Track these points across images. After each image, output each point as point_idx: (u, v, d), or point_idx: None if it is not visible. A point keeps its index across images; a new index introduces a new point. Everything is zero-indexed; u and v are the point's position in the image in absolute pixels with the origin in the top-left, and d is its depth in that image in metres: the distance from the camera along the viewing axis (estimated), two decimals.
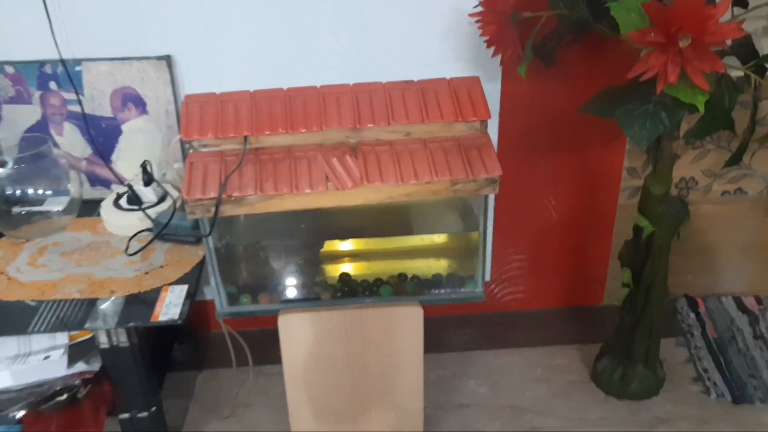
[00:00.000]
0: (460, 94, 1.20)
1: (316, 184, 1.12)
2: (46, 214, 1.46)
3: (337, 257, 1.38)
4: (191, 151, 1.17)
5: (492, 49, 1.31)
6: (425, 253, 1.37)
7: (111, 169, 1.54)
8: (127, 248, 1.31)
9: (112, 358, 1.26)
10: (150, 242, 1.31)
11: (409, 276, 1.31)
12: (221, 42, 1.45)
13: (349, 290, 1.29)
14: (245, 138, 1.15)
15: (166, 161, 1.44)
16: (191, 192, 1.11)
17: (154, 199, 1.45)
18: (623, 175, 1.66)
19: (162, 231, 1.32)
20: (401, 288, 1.29)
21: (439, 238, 1.37)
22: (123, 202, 1.47)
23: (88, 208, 1.52)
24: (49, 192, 1.46)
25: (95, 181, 1.57)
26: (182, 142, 1.11)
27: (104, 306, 1.22)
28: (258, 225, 1.30)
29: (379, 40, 1.45)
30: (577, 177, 1.66)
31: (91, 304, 1.22)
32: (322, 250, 1.36)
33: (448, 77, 1.23)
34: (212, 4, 1.41)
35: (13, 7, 1.41)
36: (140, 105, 1.49)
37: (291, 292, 1.28)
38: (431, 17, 1.44)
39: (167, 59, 1.45)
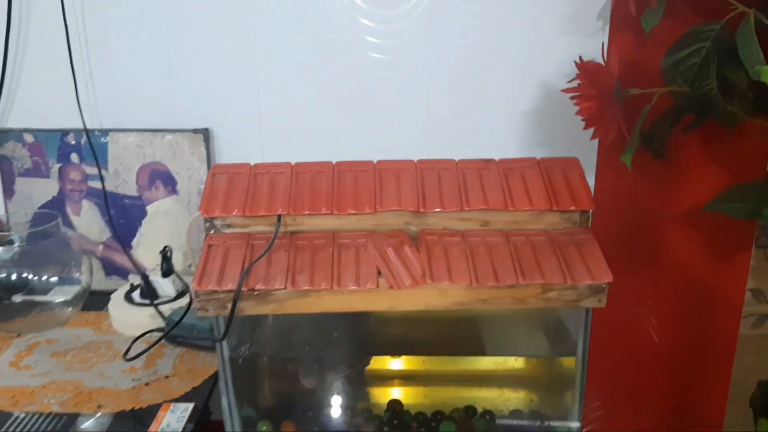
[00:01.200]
0: (554, 177, 0.94)
1: (364, 279, 0.86)
2: (47, 306, 1.24)
3: (387, 378, 1.09)
4: (212, 231, 0.93)
5: (588, 132, 1.07)
6: (501, 381, 1.07)
7: (130, 257, 1.32)
8: (127, 351, 1.06)
9: None
10: (153, 345, 1.06)
11: (479, 411, 1.01)
12: (265, 116, 1.25)
13: (399, 424, 0.99)
14: (279, 217, 0.91)
15: (188, 248, 1.21)
16: (203, 281, 0.86)
17: (172, 293, 1.22)
18: (746, 298, 1.34)
19: (172, 331, 1.06)
20: (468, 425, 0.99)
21: (521, 362, 1.07)
22: (136, 295, 1.23)
23: (98, 301, 1.29)
24: (54, 279, 1.24)
25: (111, 269, 1.35)
26: (204, 221, 0.87)
27: (86, 425, 0.95)
28: (287, 331, 1.04)
29: (448, 117, 1.23)
30: (685, 295, 1.35)
31: (71, 420, 0.96)
32: (368, 367, 1.07)
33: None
34: (257, 73, 1.23)
35: (37, 71, 1.26)
36: (170, 183, 1.29)
37: (324, 422, 0.99)
38: (512, 90, 1.21)
39: (204, 132, 1.26)
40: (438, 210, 0.91)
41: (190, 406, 0.98)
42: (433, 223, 0.93)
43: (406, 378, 1.10)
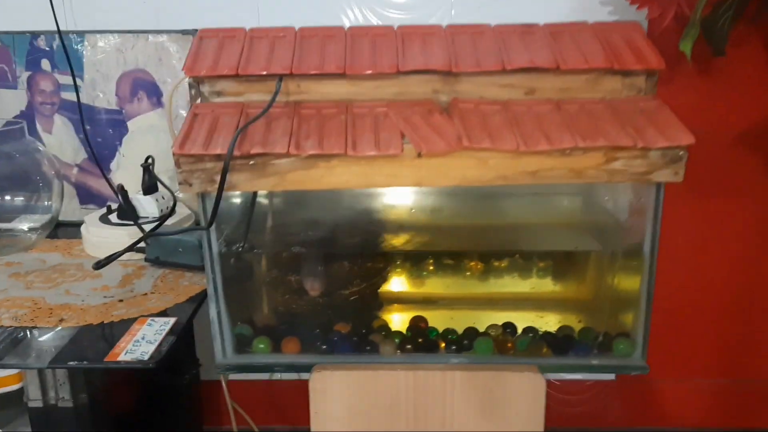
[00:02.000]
0: (613, 39, 0.79)
1: (386, 144, 0.70)
2: (10, 233, 1.08)
3: (405, 301, 0.93)
4: (199, 101, 0.77)
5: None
6: (541, 305, 0.90)
7: (108, 182, 1.16)
8: (99, 263, 0.89)
9: (46, 426, 0.80)
10: (130, 248, 0.89)
11: (520, 329, 0.84)
12: (265, 13, 1.10)
13: (424, 342, 0.82)
14: (280, 78, 0.75)
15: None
16: (186, 145, 0.70)
17: (155, 212, 1.05)
18: None
19: (151, 235, 0.90)
20: (508, 344, 0.82)
21: (561, 287, 0.90)
22: (114, 217, 1.07)
23: (71, 233, 1.13)
24: (20, 199, 1.08)
25: (86, 196, 1.19)
26: (189, 88, 0.71)
27: (44, 338, 0.78)
28: (290, 235, 0.87)
29: None
30: (756, 228, 1.19)
31: (26, 334, 0.79)
32: (384, 289, 0.91)
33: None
34: None
35: None
36: (154, 94, 1.13)
37: (334, 340, 0.82)
38: None
39: (194, 34, 1.10)
40: (473, 71, 0.75)
41: (171, 320, 0.82)
42: (468, 91, 0.77)
43: (428, 302, 0.94)
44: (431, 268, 0.96)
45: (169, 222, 1.03)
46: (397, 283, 0.95)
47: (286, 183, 0.71)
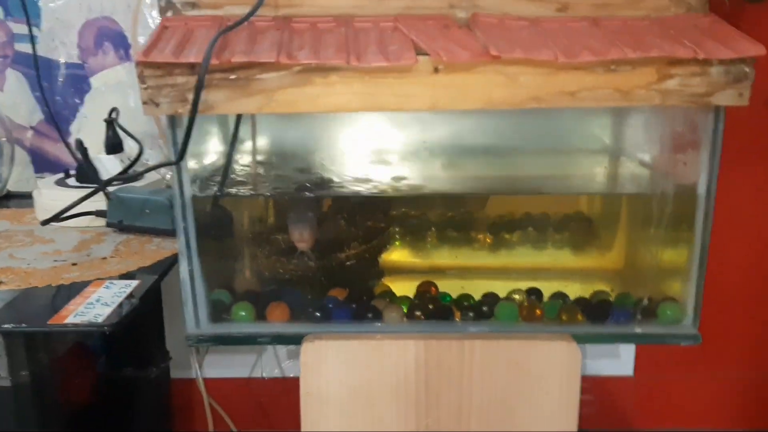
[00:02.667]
0: None
1: (395, 54, 0.58)
2: None
3: (410, 271, 0.81)
4: (170, 14, 0.65)
5: None
6: (568, 269, 0.78)
7: (68, 146, 1.02)
8: (48, 220, 0.76)
9: None
10: (79, 202, 0.76)
11: (548, 295, 0.72)
12: None
13: (436, 308, 0.70)
14: None
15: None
16: (152, 53, 0.57)
17: (118, 170, 0.92)
18: None
19: (109, 185, 0.77)
20: (535, 310, 0.69)
21: (590, 257, 0.79)
22: (72, 181, 0.94)
23: (24, 204, 1.00)
24: None
25: (42, 164, 1.05)
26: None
27: None
28: (279, 178, 0.75)
29: None
30: None
31: None
32: (387, 257, 0.78)
33: None
34: None
35: None
36: (121, 46, 1.01)
37: (329, 306, 0.69)
38: None
39: None
40: None
41: (133, 283, 0.68)
42: (489, 6, 0.65)
43: (435, 272, 0.81)
44: (438, 233, 0.84)
45: (136, 184, 0.90)
46: (400, 249, 0.83)
47: (275, 104, 0.59)
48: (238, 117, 0.68)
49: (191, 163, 0.64)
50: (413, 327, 0.68)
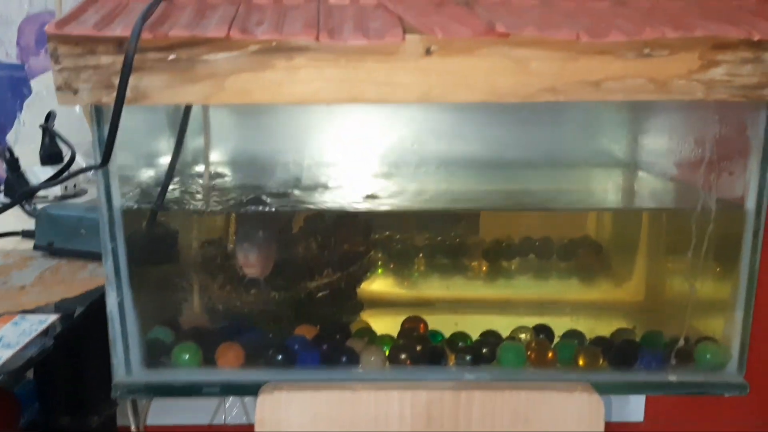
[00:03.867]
0: None
1: (379, 31, 0.47)
2: None
3: (392, 305, 0.69)
4: None
5: None
6: (579, 303, 0.67)
7: (3, 159, 0.90)
8: None
9: None
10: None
11: (559, 334, 0.60)
12: None
13: (426, 351, 0.58)
14: None
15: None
16: (67, 25, 0.46)
17: (57, 189, 0.80)
18: None
19: (27, 193, 0.64)
20: (546, 352, 0.57)
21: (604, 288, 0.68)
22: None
23: None
24: None
25: None
26: None
27: None
28: (236, 196, 0.63)
29: None
30: None
31: None
32: (367, 273, 0.67)
33: None
34: None
35: None
36: None
37: (293, 348, 0.57)
38: None
39: None
40: None
41: (52, 316, 0.56)
42: None
43: (424, 306, 0.70)
44: (426, 259, 0.73)
45: (77, 201, 0.78)
46: (382, 278, 0.72)
47: (226, 93, 0.47)
48: (186, 109, 0.56)
49: (125, 170, 0.52)
50: (397, 374, 0.56)
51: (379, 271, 0.70)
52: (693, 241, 0.58)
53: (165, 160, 0.55)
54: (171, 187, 0.55)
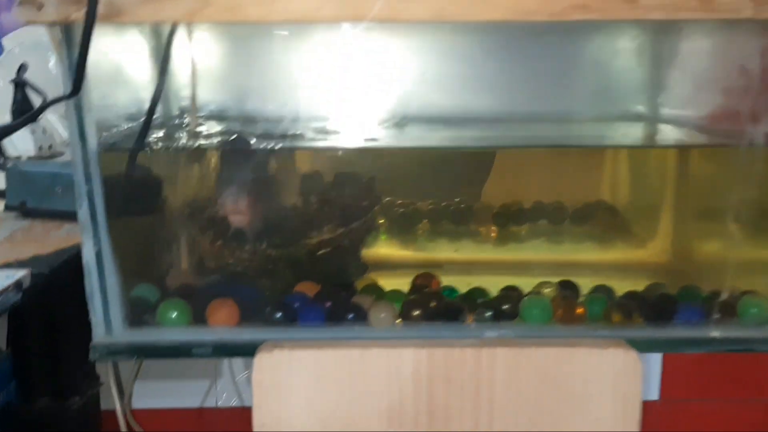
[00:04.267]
0: None
1: None
2: None
3: (399, 266, 0.64)
4: None
5: None
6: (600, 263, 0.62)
7: None
8: None
9: None
10: None
11: (585, 289, 0.55)
12: None
13: (441, 307, 0.52)
14: None
15: None
16: None
17: (30, 149, 0.74)
18: None
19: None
20: (575, 308, 0.52)
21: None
22: None
23: None
24: None
25: None
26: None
27: None
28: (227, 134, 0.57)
29: None
30: None
31: None
32: (371, 231, 0.61)
33: None
34: None
35: None
36: None
37: (293, 304, 0.51)
38: None
39: None
40: None
41: (21, 271, 0.50)
42: None
43: (432, 267, 0.64)
44: (432, 225, 0.68)
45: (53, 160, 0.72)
46: (387, 240, 0.66)
47: (212, 8, 0.42)
48: (172, 29, 0.50)
49: (100, 102, 0.46)
50: (411, 331, 0.51)
51: (382, 236, 0.65)
52: (734, 185, 0.53)
53: (146, 93, 0.50)
54: (153, 127, 0.49)
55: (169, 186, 0.53)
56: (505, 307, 0.52)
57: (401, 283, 0.58)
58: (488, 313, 0.51)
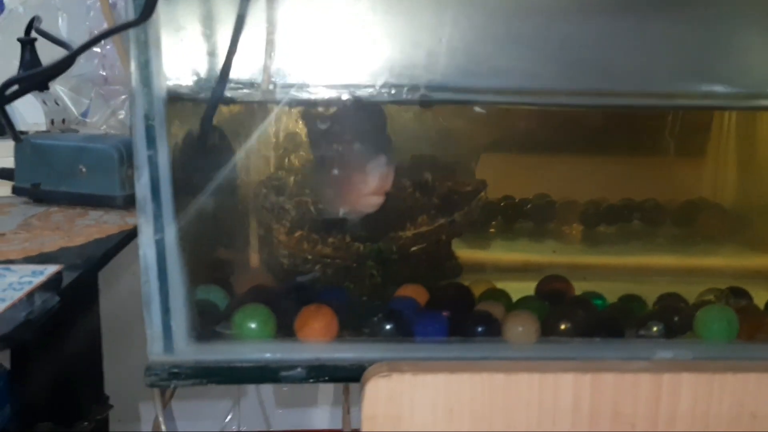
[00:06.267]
0: None
1: None
2: None
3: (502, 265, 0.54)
4: None
5: None
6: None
7: None
8: None
9: None
10: None
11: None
12: None
13: (592, 319, 0.41)
14: None
15: None
16: None
17: (41, 120, 0.62)
18: None
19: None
20: (762, 320, 0.42)
21: None
22: None
23: None
24: None
25: None
26: None
27: None
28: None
29: None
30: None
31: None
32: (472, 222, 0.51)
33: None
34: None
35: None
36: None
37: (403, 316, 0.40)
38: None
39: None
40: None
41: (51, 267, 0.39)
42: None
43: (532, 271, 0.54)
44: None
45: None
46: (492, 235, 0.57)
47: None
48: None
49: (167, 40, 0.35)
50: (561, 350, 0.40)
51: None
52: None
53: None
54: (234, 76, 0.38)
55: (248, 157, 0.42)
56: (675, 319, 0.41)
57: (504, 286, 0.48)
58: (657, 328, 0.40)
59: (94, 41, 0.40)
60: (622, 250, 0.64)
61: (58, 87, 0.72)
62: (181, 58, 0.37)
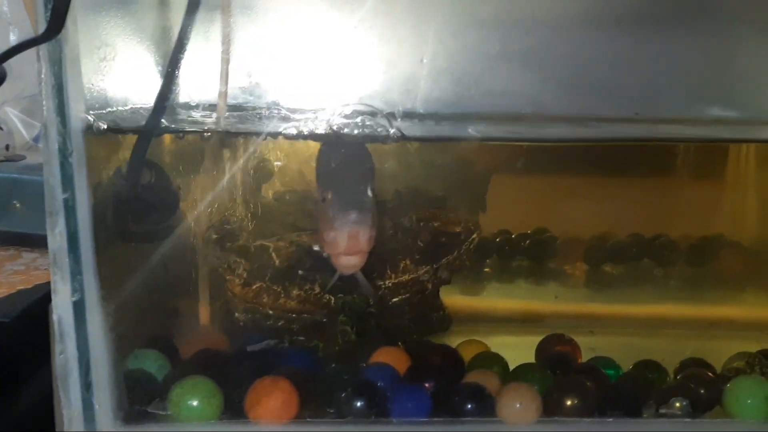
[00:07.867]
0: None
1: None
2: None
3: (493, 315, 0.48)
4: None
5: None
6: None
7: None
8: None
9: None
10: None
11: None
12: None
13: (607, 395, 0.35)
14: None
15: None
16: None
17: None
18: None
19: None
20: None
21: None
22: None
23: None
24: None
25: None
26: None
27: None
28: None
29: None
30: None
31: None
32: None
33: None
34: None
35: None
36: None
37: (379, 390, 0.34)
38: None
39: None
40: None
41: None
42: None
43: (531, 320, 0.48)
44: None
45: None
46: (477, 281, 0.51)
47: None
48: None
49: (88, 60, 0.29)
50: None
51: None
52: None
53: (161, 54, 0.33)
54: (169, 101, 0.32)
55: (190, 197, 0.36)
56: (702, 392, 0.35)
57: (500, 343, 0.42)
58: (681, 404, 0.34)
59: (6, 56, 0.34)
60: (632, 295, 0.58)
61: (8, 109, 0.66)
62: (107, 80, 0.31)
